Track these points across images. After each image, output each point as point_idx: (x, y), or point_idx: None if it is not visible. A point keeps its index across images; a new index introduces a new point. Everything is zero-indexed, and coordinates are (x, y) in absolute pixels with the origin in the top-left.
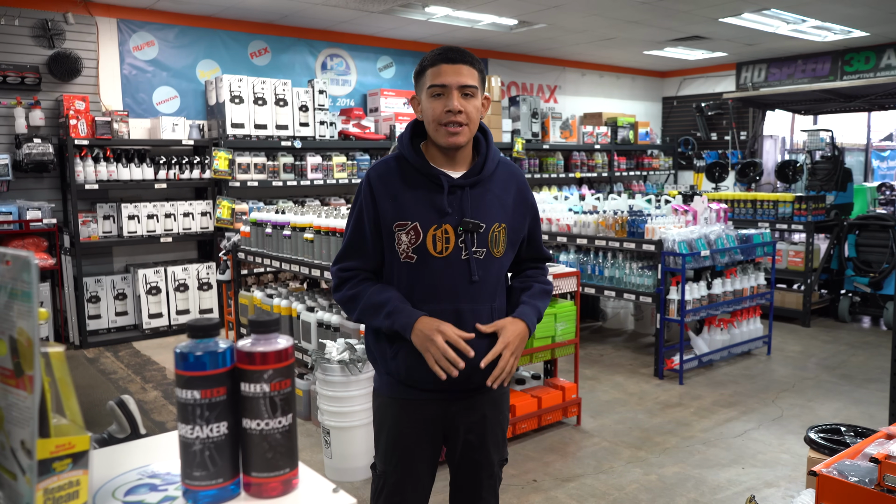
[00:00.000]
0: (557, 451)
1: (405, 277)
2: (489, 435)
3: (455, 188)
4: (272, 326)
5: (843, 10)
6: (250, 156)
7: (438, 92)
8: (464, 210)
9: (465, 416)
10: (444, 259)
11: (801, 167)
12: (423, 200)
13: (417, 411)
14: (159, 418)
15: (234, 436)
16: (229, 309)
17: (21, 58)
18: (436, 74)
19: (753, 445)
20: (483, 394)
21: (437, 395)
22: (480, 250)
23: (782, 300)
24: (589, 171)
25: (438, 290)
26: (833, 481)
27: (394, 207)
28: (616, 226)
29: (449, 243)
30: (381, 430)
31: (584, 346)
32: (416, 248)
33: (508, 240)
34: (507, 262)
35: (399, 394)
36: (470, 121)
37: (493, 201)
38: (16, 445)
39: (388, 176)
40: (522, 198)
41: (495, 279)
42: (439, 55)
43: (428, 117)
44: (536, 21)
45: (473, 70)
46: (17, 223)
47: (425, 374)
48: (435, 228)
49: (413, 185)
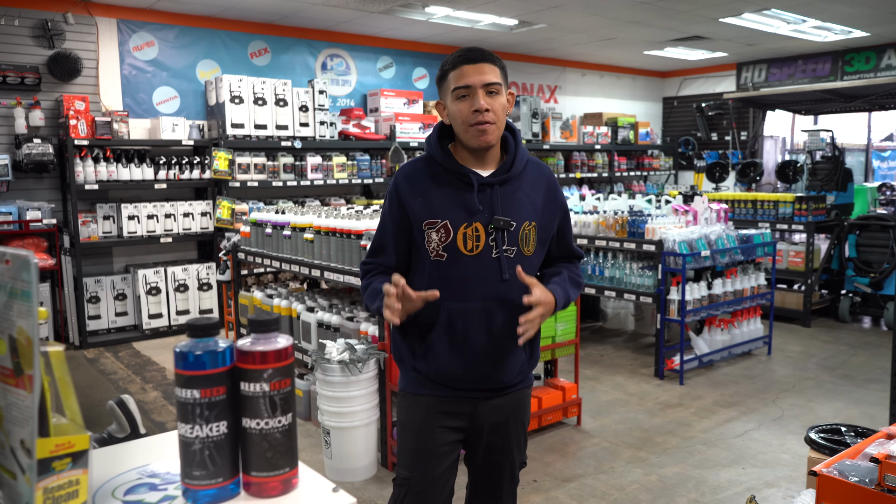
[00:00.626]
0: (558, 451)
1: (435, 276)
2: (513, 436)
3: (485, 186)
4: (272, 326)
5: (844, 10)
6: (250, 156)
7: (463, 94)
8: (494, 208)
9: (490, 416)
10: (474, 257)
11: (802, 167)
12: (452, 199)
13: (446, 410)
14: (159, 419)
15: (233, 435)
16: (229, 309)
17: (21, 58)
18: (459, 76)
19: (754, 446)
20: (508, 394)
21: (467, 393)
22: (511, 248)
23: (783, 300)
24: (589, 171)
25: (469, 288)
26: (833, 481)
27: (423, 206)
28: (616, 226)
29: (479, 241)
30: (407, 430)
31: (584, 346)
32: (447, 246)
33: (538, 238)
34: (537, 261)
35: (428, 390)
36: (497, 118)
37: (522, 199)
38: (15, 445)
39: (416, 176)
40: (552, 196)
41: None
42: (460, 57)
43: (456, 120)
44: (536, 21)
45: (496, 67)
46: (17, 223)
47: (456, 370)
48: (465, 226)
49: (442, 184)
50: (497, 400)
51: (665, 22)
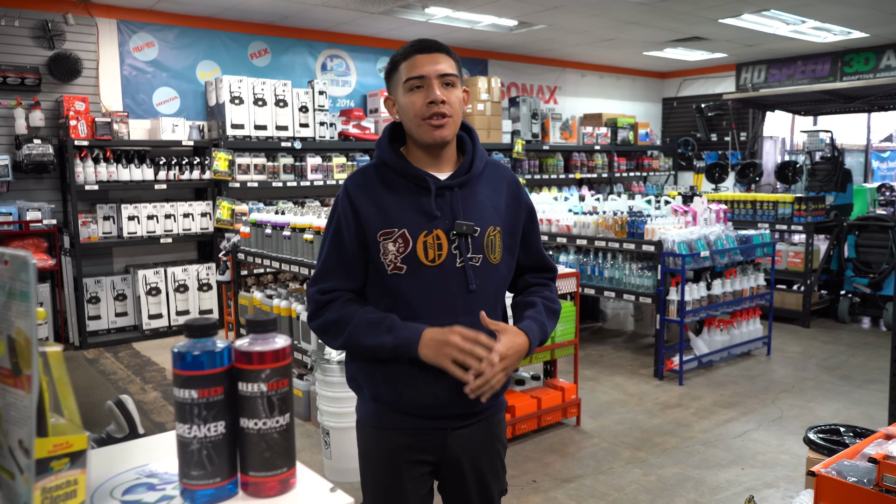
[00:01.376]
0: (557, 451)
1: (395, 291)
2: (487, 467)
3: (443, 190)
4: (270, 326)
5: (843, 11)
6: (250, 157)
7: (417, 84)
8: (455, 212)
9: (461, 447)
10: (437, 268)
11: (801, 168)
12: (408, 205)
13: (410, 442)
14: (159, 419)
15: (231, 435)
16: (229, 310)
17: (21, 59)
18: (411, 66)
19: (753, 446)
20: (480, 420)
21: (434, 423)
22: (476, 256)
23: (782, 301)
24: (589, 171)
25: (433, 302)
26: (832, 481)
27: (377, 215)
28: (616, 226)
29: (442, 250)
30: (369, 466)
31: (583, 346)
32: (406, 258)
33: (505, 245)
34: (505, 270)
35: (390, 423)
36: (454, 112)
37: (484, 203)
38: (14, 444)
39: (368, 184)
40: (516, 198)
41: (494, 289)
42: (412, 47)
43: (408, 114)
44: (536, 22)
45: (451, 59)
46: (17, 224)
47: (421, 395)
48: (425, 234)
49: (396, 190)
50: (468, 429)
51: (665, 23)
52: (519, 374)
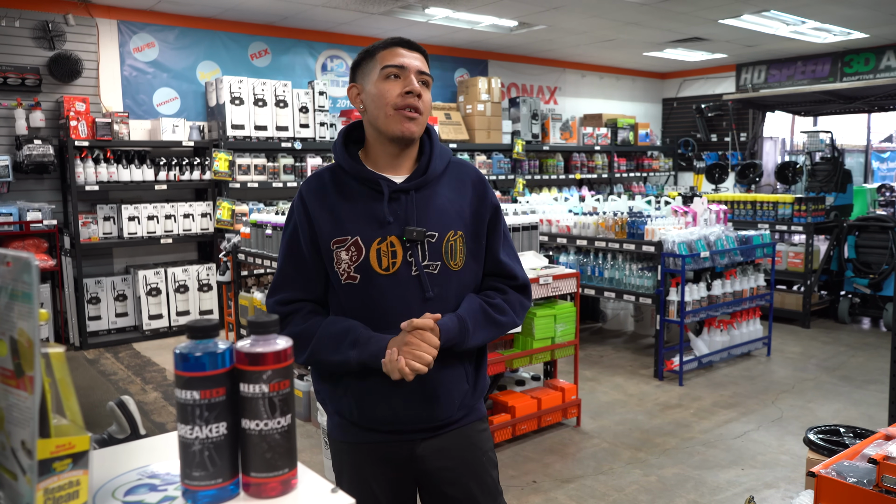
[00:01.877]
0: (557, 452)
1: (350, 302)
2: (474, 484)
3: (398, 193)
4: (271, 327)
5: (843, 11)
6: (250, 157)
7: (395, 73)
8: (408, 218)
9: (435, 461)
10: (390, 276)
11: (801, 168)
12: (362, 211)
13: (378, 457)
14: (159, 419)
15: (233, 436)
16: (229, 310)
17: (21, 59)
18: (392, 55)
19: (753, 446)
20: (451, 431)
21: (398, 436)
22: (434, 264)
23: (782, 301)
24: (589, 172)
25: (389, 313)
26: (832, 482)
27: (331, 222)
28: (616, 227)
29: (396, 258)
30: (341, 480)
31: (583, 347)
32: (359, 267)
33: (468, 250)
34: (469, 277)
35: (354, 437)
36: (425, 111)
37: (444, 206)
38: (16, 445)
39: (323, 189)
40: (481, 199)
41: (456, 298)
42: (393, 40)
43: (380, 102)
44: (536, 22)
45: (427, 64)
46: (18, 224)
47: (380, 409)
48: (379, 242)
49: (350, 196)
50: (437, 440)
51: (664, 23)
52: (519, 374)
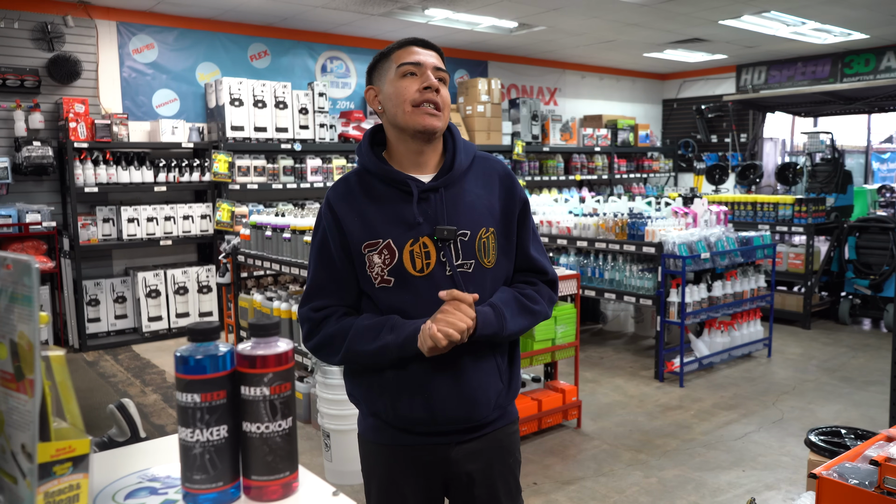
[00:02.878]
0: (557, 453)
1: (385, 305)
2: (500, 485)
3: (426, 193)
4: (272, 330)
5: (843, 12)
6: (250, 158)
7: (412, 70)
8: (438, 217)
9: (468, 463)
10: (425, 278)
11: (802, 169)
12: (392, 213)
13: (412, 459)
14: (159, 422)
15: (234, 439)
16: (229, 312)
17: (21, 61)
18: (408, 53)
19: (754, 448)
20: (486, 435)
21: (434, 439)
22: (468, 262)
23: (783, 302)
24: (589, 173)
25: (424, 314)
26: (833, 484)
27: (361, 226)
28: (616, 228)
29: (430, 259)
30: (371, 481)
31: (584, 348)
32: (393, 270)
33: (500, 246)
34: (501, 273)
35: (388, 439)
36: (445, 107)
37: (474, 203)
38: (16, 449)
39: (350, 193)
40: (510, 193)
41: (491, 295)
42: (407, 40)
43: (398, 101)
44: (536, 24)
45: (443, 61)
46: (17, 226)
47: (417, 410)
48: (411, 243)
49: (379, 199)
50: (473, 443)
51: (664, 24)
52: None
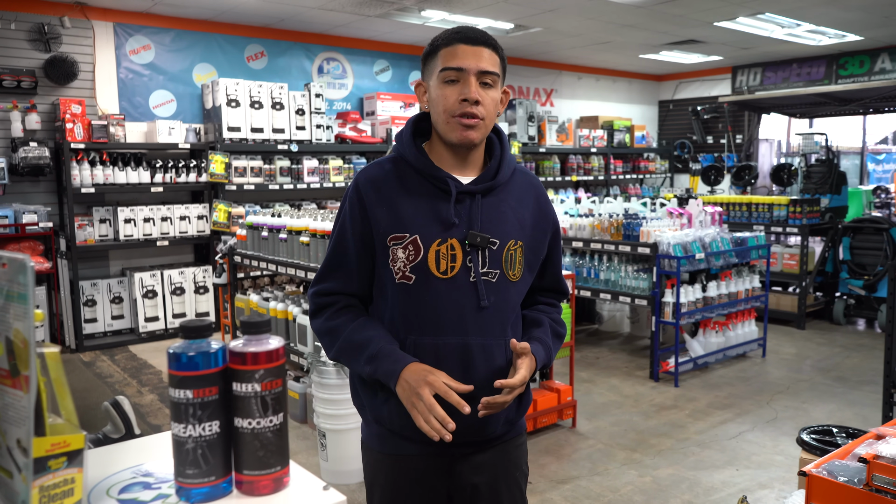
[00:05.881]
0: (552, 453)
1: (400, 303)
2: (505, 498)
3: (464, 195)
4: (263, 327)
5: (838, 14)
6: (247, 159)
7: (453, 77)
8: (472, 221)
9: (473, 476)
10: (448, 280)
11: (796, 170)
12: (424, 209)
13: (415, 470)
14: (155, 421)
15: (226, 434)
16: (225, 312)
17: (17, 61)
18: (451, 55)
19: (748, 447)
20: (493, 447)
21: (439, 450)
22: (493, 272)
23: (777, 303)
24: (585, 174)
25: (441, 318)
26: (822, 481)
27: (389, 217)
28: (612, 229)
29: (455, 261)
30: (374, 490)
31: (579, 348)
32: (415, 267)
33: (526, 261)
34: (523, 288)
35: (392, 448)
36: (487, 115)
37: (508, 214)
38: (12, 444)
39: (383, 180)
40: (543, 213)
41: (510, 308)
42: (456, 34)
43: (437, 108)
44: (532, 25)
45: (495, 56)
46: (13, 227)
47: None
48: (439, 243)
49: (413, 191)
50: (479, 456)
51: (660, 26)
52: None
